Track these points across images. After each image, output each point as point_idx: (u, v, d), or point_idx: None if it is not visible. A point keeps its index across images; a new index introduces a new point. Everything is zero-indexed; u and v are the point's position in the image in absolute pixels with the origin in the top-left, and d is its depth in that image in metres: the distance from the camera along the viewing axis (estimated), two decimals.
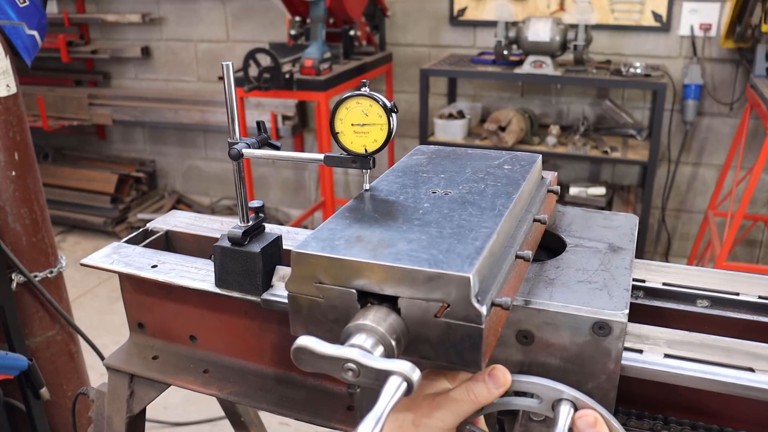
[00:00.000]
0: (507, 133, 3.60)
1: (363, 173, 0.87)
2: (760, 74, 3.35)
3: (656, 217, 4.08)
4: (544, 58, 3.52)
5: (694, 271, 0.94)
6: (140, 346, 1.15)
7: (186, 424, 2.94)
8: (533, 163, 0.94)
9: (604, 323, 0.71)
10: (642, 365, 0.75)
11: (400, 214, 0.77)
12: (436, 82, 4.24)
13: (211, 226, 1.16)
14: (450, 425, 0.70)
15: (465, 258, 0.65)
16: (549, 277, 0.80)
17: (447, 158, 0.97)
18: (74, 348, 2.02)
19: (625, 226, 0.95)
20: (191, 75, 4.92)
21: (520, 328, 0.75)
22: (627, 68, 3.56)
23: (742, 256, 4.05)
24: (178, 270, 1.02)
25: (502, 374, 0.71)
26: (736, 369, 0.73)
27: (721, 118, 3.84)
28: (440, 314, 0.64)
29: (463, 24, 4.14)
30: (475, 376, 0.71)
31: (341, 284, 0.68)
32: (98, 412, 1.17)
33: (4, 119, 1.73)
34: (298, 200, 4.98)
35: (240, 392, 1.05)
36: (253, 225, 0.94)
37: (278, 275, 0.94)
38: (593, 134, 3.84)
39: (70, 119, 4.74)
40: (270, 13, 4.48)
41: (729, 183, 3.69)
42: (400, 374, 0.58)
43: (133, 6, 4.84)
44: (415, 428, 0.69)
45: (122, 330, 1.17)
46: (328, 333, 0.69)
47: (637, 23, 3.79)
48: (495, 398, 0.71)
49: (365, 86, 0.83)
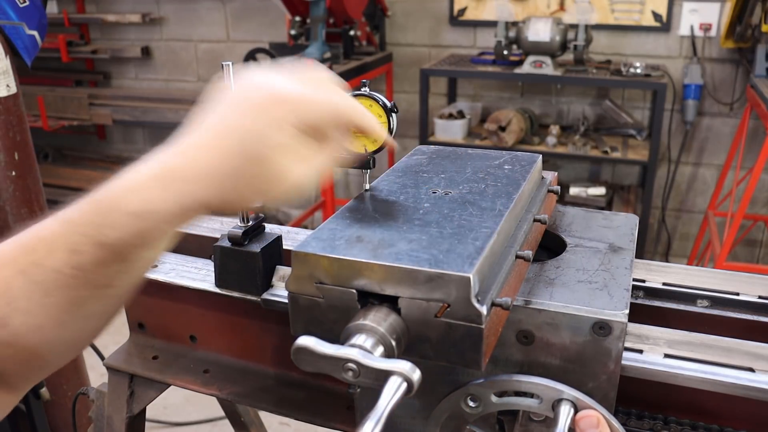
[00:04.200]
0: (507, 133, 3.60)
1: (363, 173, 0.87)
2: (760, 74, 3.35)
3: (656, 217, 4.08)
4: (544, 58, 3.51)
5: (694, 271, 0.94)
6: (140, 346, 1.15)
7: (186, 424, 2.93)
8: (533, 163, 0.94)
9: (604, 323, 0.71)
10: (642, 365, 0.75)
11: (401, 214, 0.77)
12: (436, 82, 4.24)
13: (211, 226, 1.16)
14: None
15: (465, 258, 0.65)
16: (549, 277, 0.80)
17: (447, 158, 0.97)
18: None
19: (625, 226, 0.95)
20: (191, 75, 4.92)
21: (521, 328, 0.75)
22: (627, 68, 3.56)
23: (742, 256, 4.05)
24: (178, 270, 1.02)
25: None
26: (736, 369, 0.73)
27: (721, 118, 3.84)
28: (440, 314, 0.64)
29: (463, 24, 4.14)
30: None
31: (341, 284, 0.68)
32: (98, 412, 1.17)
33: (4, 119, 1.72)
34: (298, 200, 4.98)
35: (240, 392, 1.05)
36: (253, 225, 0.94)
37: (278, 275, 0.94)
38: (593, 134, 3.84)
39: (70, 119, 4.73)
40: (270, 13, 4.48)
41: (729, 183, 3.69)
42: (400, 374, 0.58)
43: (133, 6, 4.84)
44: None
45: (122, 330, 1.17)
46: (328, 333, 0.69)
47: (637, 23, 3.79)
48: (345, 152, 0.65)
49: (365, 86, 0.83)
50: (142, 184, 0.59)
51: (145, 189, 0.58)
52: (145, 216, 0.58)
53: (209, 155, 0.59)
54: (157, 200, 0.58)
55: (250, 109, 0.59)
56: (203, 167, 0.58)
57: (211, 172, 0.58)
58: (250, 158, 0.59)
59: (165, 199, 0.58)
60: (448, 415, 0.79)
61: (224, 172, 0.59)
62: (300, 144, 0.61)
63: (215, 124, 0.61)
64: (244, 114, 0.59)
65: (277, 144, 0.59)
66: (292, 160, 0.60)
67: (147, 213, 0.58)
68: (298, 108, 0.60)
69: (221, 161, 0.59)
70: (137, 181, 0.59)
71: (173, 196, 0.58)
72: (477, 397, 0.76)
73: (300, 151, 0.61)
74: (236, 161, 0.59)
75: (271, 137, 0.59)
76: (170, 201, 0.58)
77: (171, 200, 0.58)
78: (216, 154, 0.59)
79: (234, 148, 0.59)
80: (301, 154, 0.61)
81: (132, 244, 0.59)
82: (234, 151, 0.59)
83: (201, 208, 0.60)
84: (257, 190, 0.60)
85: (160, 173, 0.59)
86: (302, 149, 0.61)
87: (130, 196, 0.58)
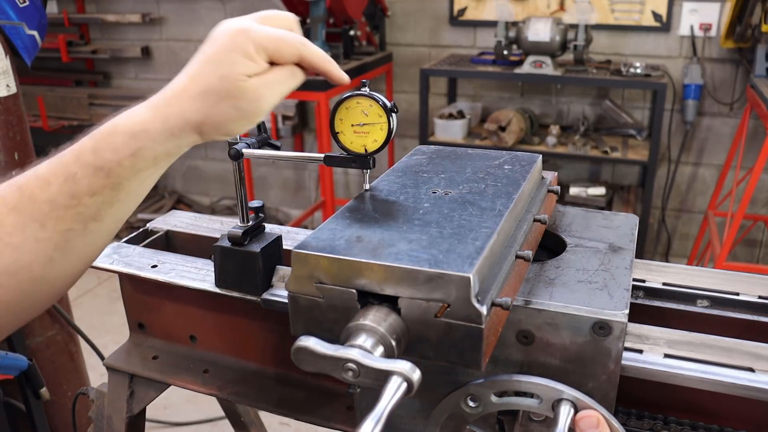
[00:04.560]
0: (507, 133, 3.60)
1: (363, 173, 0.87)
2: (760, 74, 3.35)
3: (656, 217, 4.08)
4: (544, 58, 3.51)
5: (694, 271, 0.94)
6: (140, 346, 1.15)
7: (186, 424, 2.93)
8: (533, 163, 0.94)
9: (604, 323, 0.71)
10: (642, 365, 0.75)
11: (401, 214, 0.77)
12: (436, 82, 4.24)
13: (211, 226, 1.16)
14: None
15: (465, 258, 0.65)
16: (549, 277, 0.80)
17: (447, 158, 0.97)
18: (74, 348, 2.02)
19: (625, 226, 0.95)
20: None
21: (521, 328, 0.75)
22: (627, 68, 3.56)
23: (742, 256, 4.05)
24: (178, 270, 1.02)
25: None
26: (736, 369, 0.73)
27: (721, 118, 3.84)
28: (440, 314, 0.65)
29: (463, 24, 4.14)
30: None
31: (341, 284, 0.68)
32: (98, 412, 1.17)
33: (4, 119, 1.72)
34: (298, 200, 4.98)
35: (240, 392, 1.05)
36: (253, 225, 0.94)
37: (278, 275, 0.94)
38: (593, 134, 3.84)
39: (70, 119, 4.74)
40: None
41: (729, 183, 3.69)
42: (400, 374, 0.58)
43: (133, 6, 4.84)
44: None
45: (122, 330, 1.17)
46: (328, 333, 0.69)
47: (637, 23, 3.79)
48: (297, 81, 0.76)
49: (365, 86, 0.83)
50: (136, 111, 0.71)
51: (137, 114, 0.71)
52: (139, 135, 0.69)
53: (186, 81, 0.72)
54: (148, 121, 0.70)
55: (217, 41, 0.72)
56: (181, 90, 0.71)
57: (188, 94, 0.71)
58: (220, 77, 0.70)
59: (154, 119, 0.70)
60: (448, 415, 0.79)
61: (199, 91, 0.70)
62: (259, 66, 0.72)
63: (193, 60, 0.73)
64: (213, 45, 0.72)
65: (240, 64, 0.70)
66: (255, 79, 0.71)
67: (140, 132, 0.69)
68: (255, 36, 0.71)
69: (196, 83, 0.71)
70: (132, 110, 0.72)
71: (160, 116, 0.70)
72: (477, 397, 0.76)
73: (260, 72, 0.72)
74: (208, 82, 0.70)
75: (235, 60, 0.70)
76: (158, 121, 0.70)
77: (159, 120, 0.70)
78: (192, 78, 0.71)
79: (205, 72, 0.71)
80: (262, 75, 0.72)
81: (127, 167, 0.69)
82: (205, 73, 0.71)
83: (186, 127, 0.71)
84: (231, 105, 0.71)
85: (149, 103, 0.72)
86: (261, 70, 0.72)
87: (126, 120, 0.70)
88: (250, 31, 0.71)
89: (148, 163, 0.71)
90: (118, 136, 0.69)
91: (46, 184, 0.68)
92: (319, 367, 0.62)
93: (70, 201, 0.68)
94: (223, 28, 0.73)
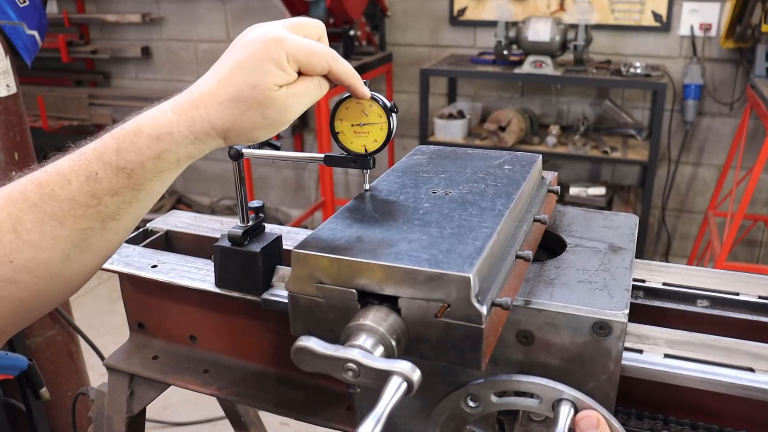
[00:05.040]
0: (507, 133, 3.60)
1: (363, 173, 0.87)
2: (760, 74, 3.35)
3: (656, 217, 4.08)
4: (544, 58, 3.51)
5: (694, 271, 0.94)
6: (140, 346, 1.15)
7: (186, 424, 2.93)
8: (533, 163, 0.94)
9: (604, 323, 0.71)
10: (642, 365, 0.75)
11: (401, 214, 0.77)
12: (436, 82, 4.24)
13: (211, 226, 1.16)
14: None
15: (465, 258, 0.65)
16: (549, 277, 0.80)
17: (447, 158, 0.97)
18: (74, 348, 2.02)
19: (625, 226, 0.95)
20: (191, 75, 4.92)
21: (521, 328, 0.75)
22: (627, 68, 3.55)
23: (742, 256, 4.05)
24: (178, 270, 1.02)
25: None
26: (736, 369, 0.73)
27: (721, 118, 3.84)
28: (440, 314, 0.64)
29: (463, 24, 4.14)
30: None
31: (341, 284, 0.68)
32: (98, 412, 1.17)
33: (4, 119, 1.72)
34: (298, 200, 4.98)
35: (240, 392, 1.05)
36: (253, 225, 0.94)
37: (278, 275, 0.94)
38: (593, 134, 3.84)
39: (70, 119, 4.73)
40: (270, 13, 4.48)
41: (729, 183, 3.69)
42: (400, 374, 0.58)
43: (133, 6, 4.84)
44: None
45: (122, 330, 1.17)
46: (328, 333, 0.69)
47: (637, 23, 3.79)
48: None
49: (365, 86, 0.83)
50: (160, 112, 0.70)
51: (162, 115, 0.70)
52: (163, 138, 0.69)
53: (214, 85, 0.71)
54: (173, 124, 0.69)
55: (249, 48, 0.71)
56: (208, 94, 0.70)
57: (216, 98, 0.70)
58: (252, 86, 0.69)
59: (179, 122, 0.69)
60: (448, 415, 0.79)
61: (228, 98, 0.70)
62: (290, 77, 0.72)
63: (221, 64, 0.72)
64: (244, 52, 0.71)
65: (273, 74, 0.70)
66: (285, 89, 0.71)
67: (165, 135, 0.69)
68: (288, 47, 0.71)
69: (225, 89, 0.70)
70: (156, 111, 0.71)
71: (186, 120, 0.70)
72: (477, 397, 0.76)
73: (290, 82, 0.72)
74: (238, 89, 0.70)
75: (268, 70, 0.70)
76: (183, 124, 0.69)
77: (184, 123, 0.70)
78: (221, 84, 0.70)
79: (235, 78, 0.70)
80: (291, 86, 0.72)
81: (149, 169, 0.69)
82: (236, 80, 0.70)
83: (212, 131, 0.71)
84: (259, 113, 0.71)
85: (174, 105, 0.71)
86: (291, 80, 0.72)
87: (150, 122, 0.70)
88: (283, 41, 0.70)
89: (171, 165, 0.71)
90: (142, 138, 0.69)
91: (66, 182, 0.67)
92: (319, 367, 0.62)
93: (91, 200, 0.68)
94: (255, 35, 0.72)
